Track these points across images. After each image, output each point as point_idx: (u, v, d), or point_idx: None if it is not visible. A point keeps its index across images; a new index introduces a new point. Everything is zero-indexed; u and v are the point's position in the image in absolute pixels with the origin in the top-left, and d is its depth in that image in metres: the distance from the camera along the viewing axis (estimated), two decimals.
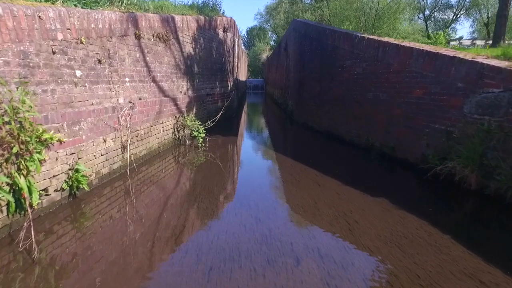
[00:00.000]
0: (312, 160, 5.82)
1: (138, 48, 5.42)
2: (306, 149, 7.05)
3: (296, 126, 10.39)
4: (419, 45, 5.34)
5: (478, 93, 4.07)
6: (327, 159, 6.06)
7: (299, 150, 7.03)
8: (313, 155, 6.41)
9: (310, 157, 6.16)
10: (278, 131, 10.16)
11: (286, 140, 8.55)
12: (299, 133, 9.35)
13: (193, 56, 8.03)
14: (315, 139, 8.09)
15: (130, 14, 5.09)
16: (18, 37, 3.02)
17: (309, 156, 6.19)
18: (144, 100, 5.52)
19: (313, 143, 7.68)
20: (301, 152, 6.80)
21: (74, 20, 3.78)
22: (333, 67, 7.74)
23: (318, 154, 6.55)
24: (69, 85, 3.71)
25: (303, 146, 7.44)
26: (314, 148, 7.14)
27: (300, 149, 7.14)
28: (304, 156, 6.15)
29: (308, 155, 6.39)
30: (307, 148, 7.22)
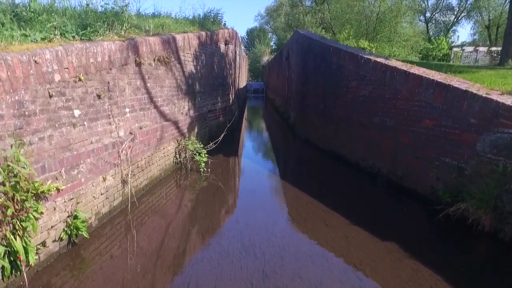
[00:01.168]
0: (317, 189, 5.68)
1: (139, 75, 5.26)
2: (311, 174, 6.89)
3: (298, 141, 10.23)
4: (429, 73, 5.19)
5: (492, 131, 3.92)
6: (333, 188, 5.89)
7: (304, 175, 6.87)
8: (318, 182, 6.26)
9: (316, 184, 6.02)
10: (281, 149, 9.99)
11: (290, 161, 8.37)
12: (303, 151, 9.20)
13: (195, 74, 7.87)
14: (319, 160, 7.94)
15: (130, 42, 4.93)
16: (13, 87, 2.86)
17: (315, 184, 6.05)
18: (145, 129, 5.36)
19: (318, 165, 7.52)
20: (306, 177, 6.65)
21: (72, 58, 3.63)
22: (338, 87, 7.58)
23: (323, 180, 6.39)
24: (67, 127, 3.56)
25: (308, 170, 7.28)
26: (319, 173, 6.98)
27: (304, 174, 6.97)
28: (309, 184, 6.00)
29: (314, 182, 6.24)
30: (312, 172, 7.07)
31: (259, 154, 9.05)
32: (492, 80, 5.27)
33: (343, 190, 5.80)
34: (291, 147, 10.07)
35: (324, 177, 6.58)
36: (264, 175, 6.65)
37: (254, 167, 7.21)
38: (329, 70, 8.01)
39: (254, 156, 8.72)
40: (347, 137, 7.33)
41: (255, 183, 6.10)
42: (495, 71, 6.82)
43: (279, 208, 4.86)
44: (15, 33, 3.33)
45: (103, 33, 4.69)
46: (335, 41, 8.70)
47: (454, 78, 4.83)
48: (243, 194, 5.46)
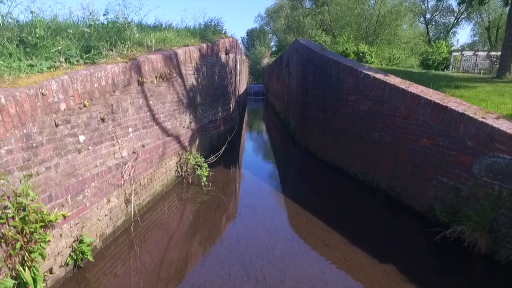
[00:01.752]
0: (317, 205, 5.78)
1: (141, 94, 5.35)
2: (311, 187, 6.98)
3: (299, 151, 10.32)
4: (427, 92, 5.27)
5: (488, 155, 4.00)
6: (332, 204, 5.97)
7: (304, 189, 6.95)
8: (318, 197, 6.35)
9: (315, 200, 6.12)
10: (282, 159, 10.06)
11: (291, 173, 8.42)
12: (303, 161, 9.29)
13: (196, 87, 7.96)
14: (320, 171, 8.03)
15: (133, 62, 5.02)
16: (21, 121, 2.95)
17: (314, 199, 6.15)
18: (147, 147, 5.45)
19: (318, 178, 7.62)
20: (306, 191, 6.73)
21: (77, 85, 3.72)
22: (337, 99, 7.66)
23: (323, 195, 6.48)
24: (73, 153, 3.64)
25: (308, 183, 7.36)
26: (319, 186, 7.07)
27: (305, 187, 7.06)
28: (309, 199, 6.10)
29: (313, 197, 6.34)
30: (312, 185, 7.16)
31: (259, 165, 9.14)
32: (489, 99, 5.35)
33: (343, 205, 5.88)
34: (292, 157, 10.16)
35: (324, 191, 6.67)
36: (264, 189, 6.72)
37: (254, 180, 7.29)
38: (329, 83, 8.09)
39: (254, 166, 8.80)
40: (346, 150, 7.41)
41: (255, 198, 6.18)
42: (493, 85, 6.90)
43: (280, 226, 4.94)
44: (22, 64, 3.41)
45: (106, 55, 4.78)
46: (335, 53, 8.77)
47: (451, 98, 4.91)
48: (244, 211, 5.54)
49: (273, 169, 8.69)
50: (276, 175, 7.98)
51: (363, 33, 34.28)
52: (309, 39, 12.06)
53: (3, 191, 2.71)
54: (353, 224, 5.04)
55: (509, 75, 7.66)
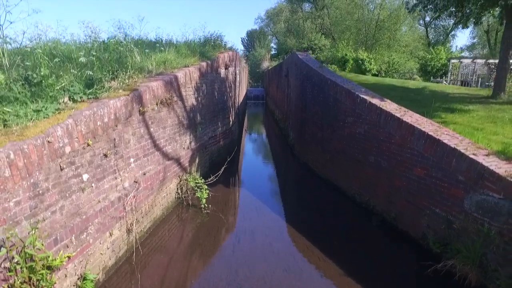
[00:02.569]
0: (314, 229, 5.93)
1: (143, 123, 5.49)
2: (308, 209, 7.10)
3: (298, 166, 10.46)
4: (421, 122, 5.40)
5: (478, 192, 4.13)
6: (329, 227, 6.10)
7: (302, 211, 7.06)
8: (315, 220, 6.49)
9: (313, 224, 6.27)
10: (281, 175, 10.12)
11: (289, 192, 8.46)
12: (302, 178, 9.43)
13: (196, 106, 8.10)
14: (317, 190, 8.17)
15: (134, 94, 5.14)
16: (28, 172, 3.09)
17: (312, 223, 6.31)
18: (148, 174, 5.59)
19: (316, 197, 7.75)
20: (304, 214, 6.85)
21: (81, 127, 3.85)
22: (335, 120, 7.80)
23: (320, 217, 6.61)
24: (77, 193, 3.78)
25: (306, 203, 7.46)
26: (317, 207, 7.19)
27: (303, 209, 7.16)
28: (306, 224, 6.26)
29: (311, 220, 6.49)
30: (310, 206, 7.28)
31: (258, 183, 9.24)
32: (482, 127, 5.49)
33: (339, 229, 6.02)
34: (291, 173, 10.27)
35: (322, 214, 6.80)
36: (263, 212, 6.81)
37: (253, 202, 7.39)
38: (327, 102, 8.23)
39: (253, 185, 8.92)
40: (344, 170, 7.55)
41: (254, 222, 6.31)
42: (487, 108, 7.02)
43: (277, 254, 5.07)
44: (28, 110, 3.55)
45: (109, 88, 4.91)
46: (333, 73, 8.89)
47: (444, 130, 5.04)
48: (243, 237, 5.66)
49: (272, 188, 8.83)
50: (275, 195, 8.11)
51: (363, 37, 34.44)
52: (308, 53, 12.15)
53: (12, 242, 2.85)
54: (349, 251, 5.18)
55: (504, 96, 7.79)
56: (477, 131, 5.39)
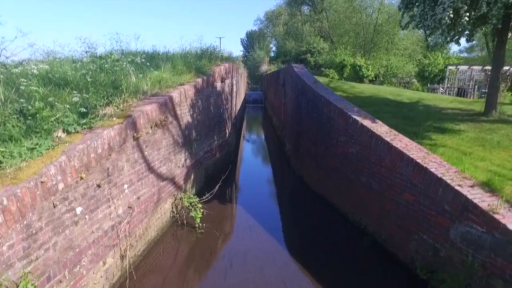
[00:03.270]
0: (306, 250, 6.03)
1: (137, 148, 5.58)
2: (302, 227, 7.19)
3: (293, 179, 10.55)
4: (410, 147, 5.48)
5: (463, 223, 4.23)
6: (321, 248, 6.18)
7: (295, 229, 7.16)
8: (308, 240, 6.60)
9: (305, 244, 6.38)
10: (276, 189, 10.22)
11: (283, 208, 8.47)
12: (297, 193, 9.53)
13: (191, 123, 8.19)
14: (311, 206, 8.27)
15: (128, 121, 5.23)
16: (22, 214, 3.18)
17: (304, 243, 6.42)
18: (142, 198, 5.68)
19: (309, 215, 7.82)
20: (297, 233, 6.96)
21: (74, 162, 3.94)
22: (328, 137, 7.89)
23: (313, 237, 6.70)
24: (70, 227, 3.87)
25: (300, 222, 7.52)
26: (310, 225, 7.26)
27: (296, 227, 7.24)
28: (299, 243, 6.37)
29: (304, 240, 6.60)
30: (303, 224, 7.35)
31: (253, 197, 9.29)
32: (470, 152, 5.59)
33: (331, 250, 6.12)
34: (287, 187, 10.32)
35: (315, 232, 6.90)
36: (256, 231, 6.81)
37: (247, 220, 7.43)
38: (321, 119, 8.32)
39: (248, 199, 9.01)
40: (337, 188, 7.64)
41: (247, 243, 6.37)
42: (478, 128, 7.11)
43: (268, 279, 5.14)
44: (22, 149, 3.63)
45: (103, 117, 4.99)
46: (326, 89, 8.97)
47: (432, 157, 5.13)
48: (235, 259, 5.74)
49: (267, 204, 8.89)
50: (269, 212, 8.18)
51: (361, 41, 34.57)
52: (303, 66, 12.22)
53: (6, 286, 2.94)
54: (339, 275, 5.27)
55: (495, 113, 7.89)
56: (466, 156, 5.49)
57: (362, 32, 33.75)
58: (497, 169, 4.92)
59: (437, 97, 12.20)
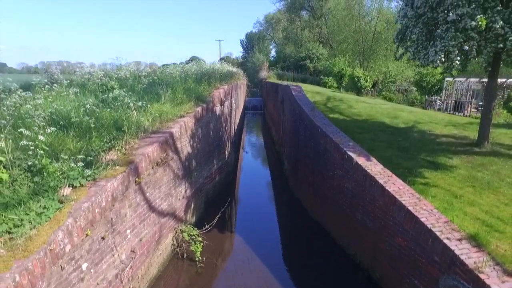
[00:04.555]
0: (302, 284, 6.23)
1: (139, 191, 5.77)
2: (298, 258, 7.42)
3: (291, 201, 10.75)
4: (404, 191, 5.68)
5: (451, 276, 4.43)
6: (317, 282, 6.41)
7: (291, 261, 7.38)
8: (305, 272, 6.80)
9: (302, 276, 6.56)
10: (275, 213, 10.38)
11: (282, 236, 8.72)
12: (294, 217, 9.71)
13: (191, 154, 8.38)
14: (309, 234, 8.47)
15: (130, 168, 5.41)
16: (32, 285, 3.37)
17: (301, 276, 6.60)
18: (144, 239, 5.88)
19: (306, 244, 8.04)
20: (294, 266, 7.17)
21: (80, 222, 4.13)
22: (325, 169, 8.09)
23: (309, 270, 6.92)
24: (77, 285, 4.07)
25: (296, 253, 7.75)
26: (306, 257, 7.48)
27: (292, 259, 7.47)
28: (296, 277, 6.55)
29: (300, 272, 6.80)
30: (299, 255, 7.57)
31: (252, 224, 9.45)
32: (461, 194, 5.79)
33: (327, 283, 6.33)
34: (285, 211, 10.44)
35: (311, 263, 7.11)
36: (254, 264, 7.00)
37: (246, 251, 7.62)
38: (318, 149, 8.52)
39: (247, 227, 9.18)
40: (333, 219, 7.85)
41: (246, 276, 6.59)
42: (470, 163, 7.30)
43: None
44: (32, 215, 3.83)
45: (106, 167, 5.18)
46: (323, 118, 9.16)
47: (423, 204, 5.32)
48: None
49: (265, 231, 8.97)
50: (267, 241, 8.32)
51: (360, 48, 34.82)
52: (301, 89, 12.39)
53: None
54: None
55: (487, 145, 8.10)
56: (456, 199, 5.70)
57: (361, 39, 34.02)
58: (485, 217, 5.12)
59: (433, 117, 12.38)
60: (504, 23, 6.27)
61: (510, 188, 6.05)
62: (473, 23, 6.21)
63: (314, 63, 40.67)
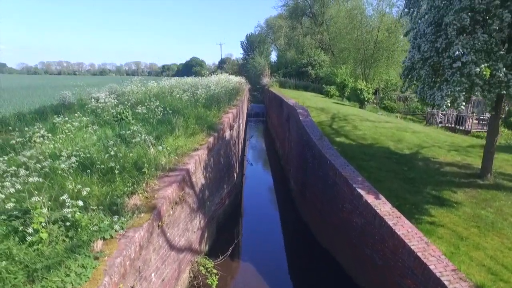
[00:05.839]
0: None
1: (161, 235, 6.07)
2: None
3: (299, 223, 11.06)
4: (412, 235, 5.99)
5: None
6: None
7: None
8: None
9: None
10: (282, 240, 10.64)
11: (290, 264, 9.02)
12: (303, 243, 10.03)
13: (205, 185, 8.68)
14: (318, 263, 8.78)
15: (154, 214, 5.70)
16: None
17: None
18: (166, 278, 6.18)
19: (316, 273, 8.35)
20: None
21: (115, 278, 4.43)
22: (334, 201, 8.40)
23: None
24: None
25: (307, 281, 8.07)
26: (317, 285, 7.81)
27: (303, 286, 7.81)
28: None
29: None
30: (310, 282, 7.89)
31: (261, 250, 9.73)
32: (467, 236, 6.10)
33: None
34: (294, 236, 10.73)
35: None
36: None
37: (258, 279, 8.01)
38: (326, 180, 8.83)
39: (257, 252, 9.52)
40: (343, 249, 8.16)
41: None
42: (474, 198, 7.61)
43: None
44: (72, 277, 4.13)
45: (132, 215, 5.48)
46: (331, 147, 9.46)
47: (431, 249, 5.63)
48: None
49: (275, 259, 9.31)
50: (277, 268, 8.68)
51: (361, 56, 35.19)
52: (308, 113, 12.67)
53: None
54: None
55: (490, 177, 8.41)
56: (462, 242, 6.02)
57: (362, 48, 34.39)
58: (490, 263, 5.43)
59: (436, 138, 12.68)
60: (507, 70, 6.59)
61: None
62: (477, 69, 6.53)
63: (316, 70, 41.00)
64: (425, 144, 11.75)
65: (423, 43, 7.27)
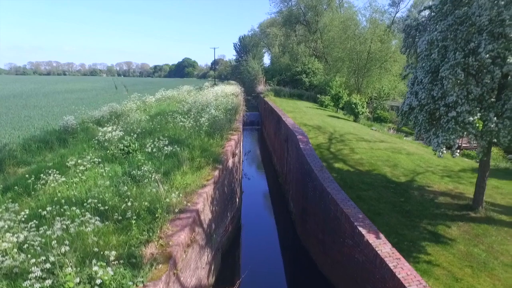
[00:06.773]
0: None
1: (176, 281, 6.36)
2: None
3: (298, 248, 11.46)
4: (411, 276, 6.43)
5: None
6: None
7: None
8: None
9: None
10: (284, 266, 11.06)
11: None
12: (303, 270, 10.41)
13: (211, 219, 8.99)
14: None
15: (170, 264, 5.99)
16: None
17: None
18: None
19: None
20: None
21: None
22: (335, 234, 8.81)
23: None
24: None
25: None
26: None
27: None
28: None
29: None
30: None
31: (263, 277, 10.17)
32: (461, 277, 6.57)
33: None
34: (294, 263, 11.14)
35: None
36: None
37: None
38: (328, 213, 9.24)
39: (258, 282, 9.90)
40: (345, 282, 8.57)
41: None
42: (467, 235, 8.11)
43: None
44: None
45: (151, 268, 5.77)
46: (333, 180, 9.87)
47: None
48: None
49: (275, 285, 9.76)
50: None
51: (355, 66, 35.87)
52: (307, 139, 13.03)
53: None
54: None
55: (482, 209, 8.95)
56: (457, 283, 6.49)
57: (356, 58, 35.07)
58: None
59: (429, 162, 13.17)
60: (497, 119, 7.09)
61: (503, 269, 6.86)
62: (471, 118, 7.02)
63: (310, 78, 41.56)
64: (420, 170, 12.28)
65: (420, 90, 7.73)
